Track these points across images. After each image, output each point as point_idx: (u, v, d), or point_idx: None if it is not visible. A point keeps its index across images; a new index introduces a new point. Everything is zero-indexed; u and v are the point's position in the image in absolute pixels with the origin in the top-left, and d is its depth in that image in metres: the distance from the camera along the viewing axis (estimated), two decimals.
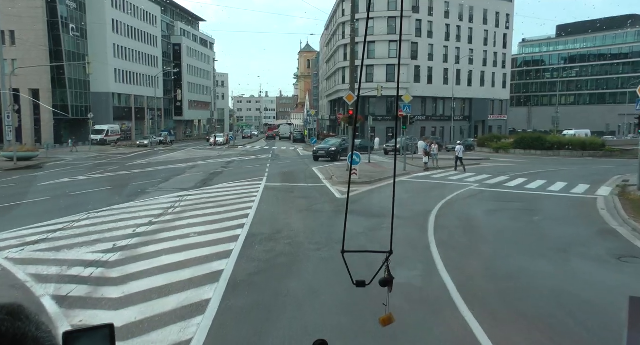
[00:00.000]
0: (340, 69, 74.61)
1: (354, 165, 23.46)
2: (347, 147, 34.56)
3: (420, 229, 13.04)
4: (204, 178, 25.04)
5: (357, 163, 23.79)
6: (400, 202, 17.84)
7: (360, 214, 14.86)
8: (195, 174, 27.43)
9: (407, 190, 21.63)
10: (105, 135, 65.67)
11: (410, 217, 14.73)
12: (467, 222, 14.43)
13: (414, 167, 31.51)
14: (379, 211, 15.50)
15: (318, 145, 43.09)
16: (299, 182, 24.40)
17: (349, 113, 24.56)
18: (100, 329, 1.28)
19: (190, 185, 21.77)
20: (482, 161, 39.92)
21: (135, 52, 78.57)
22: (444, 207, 16.58)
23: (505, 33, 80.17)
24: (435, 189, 22.02)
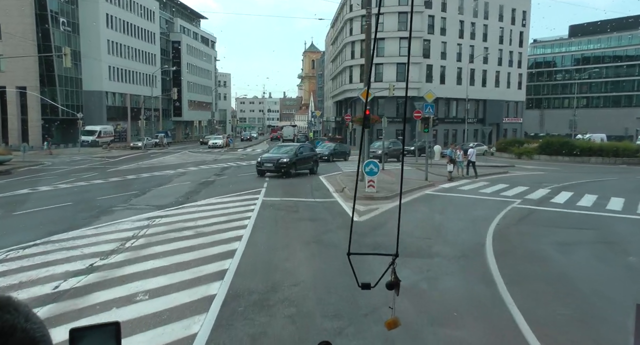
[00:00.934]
0: (347, 68, 70.55)
1: (370, 176, 19.41)
2: (308, 155, 29.26)
3: (482, 280, 8.91)
4: (190, 190, 20.95)
5: (375, 174, 19.70)
6: (436, 228, 13.73)
7: (391, 250, 10.73)
8: (182, 183, 23.33)
9: (438, 208, 17.50)
10: (97, 136, 61.78)
11: (458, 255, 10.62)
12: (544, 267, 10.21)
13: (436, 175, 27.37)
14: (415, 244, 11.39)
15: (266, 153, 31.77)
16: (303, 195, 20.29)
17: (366, 113, 20.51)
18: (107, 327, 1.27)
19: (169, 201, 17.68)
20: (508, 169, 35.76)
21: (131, 49, 74.63)
22: (498, 237, 12.43)
23: (522, 31, 76.01)
24: (472, 207, 17.87)
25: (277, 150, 29.37)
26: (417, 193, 21.05)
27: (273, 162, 26.57)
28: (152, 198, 18.48)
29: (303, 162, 28.24)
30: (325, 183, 24.44)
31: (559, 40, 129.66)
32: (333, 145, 43.28)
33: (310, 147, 31.38)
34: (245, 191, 20.61)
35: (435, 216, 15.71)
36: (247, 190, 20.94)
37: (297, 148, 28.80)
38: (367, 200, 18.37)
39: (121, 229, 12.55)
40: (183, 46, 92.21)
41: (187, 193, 19.78)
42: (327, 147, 41.49)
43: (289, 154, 27.55)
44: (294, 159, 27.04)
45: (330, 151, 40.53)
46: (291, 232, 12.88)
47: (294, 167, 27.02)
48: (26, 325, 1.05)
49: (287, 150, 28.40)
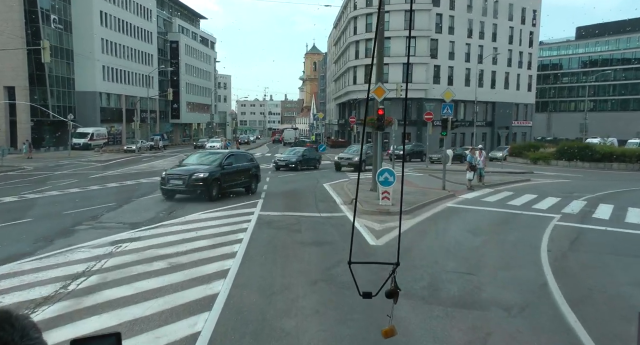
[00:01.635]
0: (351, 69, 67.83)
1: (385, 186, 16.61)
2: (242, 168, 20.84)
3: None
4: (176, 201, 18.16)
5: (390, 184, 16.92)
6: (475, 257, 10.90)
7: (422, 296, 7.97)
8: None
9: (468, 227, 14.66)
10: (89, 139, 59.02)
11: (519, 303, 7.79)
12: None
13: (453, 184, 24.56)
14: (457, 283, 8.59)
15: (175, 168, 20.82)
16: (307, 208, 17.48)
17: (380, 112, 17.73)
18: (108, 337, 1.27)
19: (147, 217, 14.89)
20: (527, 175, 32.97)
21: (126, 49, 71.93)
22: (559, 272, 9.59)
23: (532, 31, 73.26)
24: (508, 226, 15.06)
25: (198, 159, 20.89)
26: (438, 206, 18.25)
27: (183, 178, 18.26)
28: (128, 212, 15.66)
29: (232, 177, 19.93)
30: (330, 193, 21.65)
31: (565, 42, 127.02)
32: (302, 150, 37.68)
33: (250, 157, 22.88)
34: (239, 203, 17.82)
35: (468, 239, 12.89)
36: (241, 202, 18.15)
37: (223, 157, 20.13)
38: (383, 216, 15.57)
39: (72, 260, 9.72)
40: (181, 46, 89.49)
41: (171, 206, 16.97)
42: (295, 153, 36.09)
43: (210, 166, 19.15)
44: (217, 173, 18.85)
45: (298, 158, 34.89)
46: (292, 263, 10.06)
47: (216, 186, 18.71)
48: (21, 342, 1.01)
49: (211, 160, 19.94)
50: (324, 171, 33.96)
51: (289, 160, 34.47)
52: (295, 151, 37.11)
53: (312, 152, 38.59)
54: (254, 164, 22.22)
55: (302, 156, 35.43)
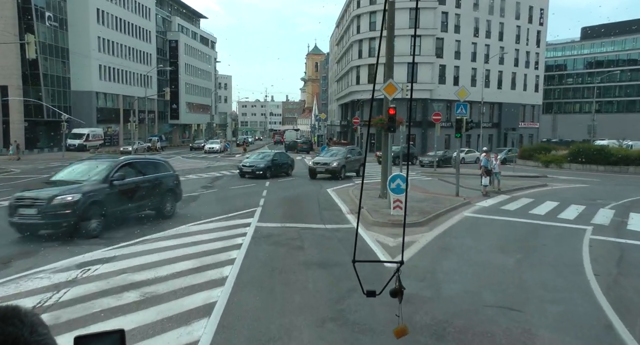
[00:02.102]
0: (354, 68, 66.10)
1: (397, 194, 14.85)
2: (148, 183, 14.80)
3: None
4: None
5: (403, 192, 15.15)
6: (513, 284, 9.13)
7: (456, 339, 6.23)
8: None
9: (494, 243, 12.85)
10: (84, 139, 57.34)
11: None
12: None
13: (466, 189, 22.78)
14: (497, 323, 6.82)
15: None
16: (310, 219, 15.72)
17: (390, 112, 15.95)
18: (112, 334, 1.28)
19: (128, 229, 13.13)
20: (542, 180, 31.19)
21: (124, 47, 70.24)
22: (620, 306, 7.82)
23: (539, 30, 71.50)
24: (538, 240, 13.27)
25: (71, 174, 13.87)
26: (455, 215, 16.46)
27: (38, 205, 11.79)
28: (107, 224, 13.90)
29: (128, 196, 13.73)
30: (335, 200, 19.87)
31: (570, 43, 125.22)
32: (272, 154, 31.79)
33: (163, 163, 16.56)
34: (235, 212, 16.05)
35: (498, 258, 11.09)
36: (237, 211, 16.36)
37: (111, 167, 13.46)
38: (396, 228, 13.79)
39: (25, 290, 7.95)
40: (181, 45, 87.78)
41: (156, 216, 15.20)
42: (264, 158, 30.20)
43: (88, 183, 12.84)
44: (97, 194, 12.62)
45: (267, 164, 29.18)
46: (294, 294, 8.28)
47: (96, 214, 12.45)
48: (30, 338, 1.02)
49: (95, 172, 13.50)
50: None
51: (255, 167, 28.87)
52: (264, 155, 31.18)
53: (284, 156, 32.74)
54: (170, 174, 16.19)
55: (271, 162, 29.66)
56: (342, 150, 32.62)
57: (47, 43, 56.88)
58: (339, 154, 31.06)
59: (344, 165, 29.43)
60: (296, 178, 29.86)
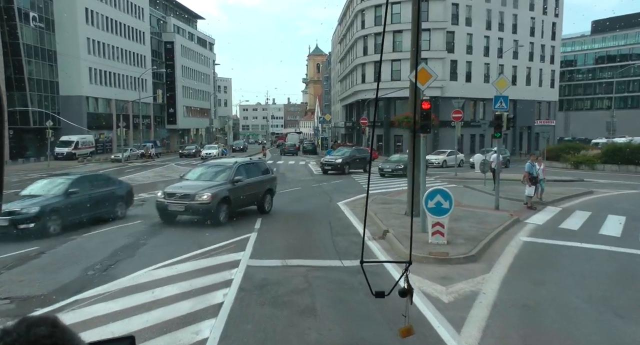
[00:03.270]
0: (359, 66, 62.23)
1: (437, 216, 11.01)
2: None
3: None
4: (127, 243, 12.50)
5: (446, 212, 11.34)
6: None
7: None
8: (123, 226, 14.84)
9: (583, 292, 8.90)
10: (73, 147, 53.47)
11: None
12: None
13: (504, 200, 18.84)
14: None
15: None
16: (320, 249, 11.85)
17: (424, 107, 12.03)
18: (122, 341, 1.30)
19: (66, 279, 9.28)
20: (579, 184, 27.30)
21: (116, 49, 66.48)
22: None
23: (554, 22, 67.50)
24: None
25: None
26: (509, 241, 12.57)
27: None
28: (41, 269, 10.04)
29: None
30: (349, 218, 16.00)
31: (580, 37, 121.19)
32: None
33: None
34: (221, 242, 12.19)
35: (620, 328, 7.17)
36: (223, 240, 12.49)
37: None
38: (442, 266, 9.96)
39: None
40: (177, 47, 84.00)
41: (114, 253, 11.30)
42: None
43: None
44: None
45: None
46: None
47: None
48: None
49: None
50: (336, 182, 28.20)
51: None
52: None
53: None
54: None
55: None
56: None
57: (32, 45, 53.22)
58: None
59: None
60: (298, 188, 25.94)
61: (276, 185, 18.48)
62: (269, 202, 17.39)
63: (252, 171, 17.00)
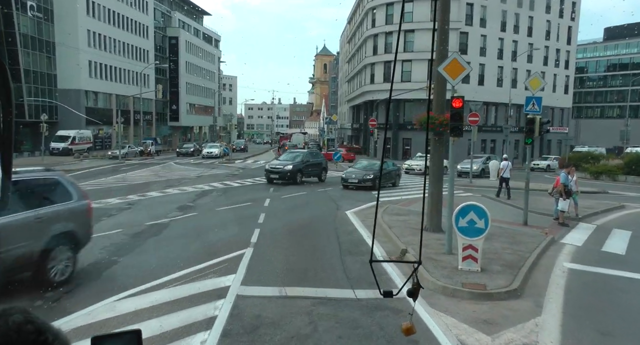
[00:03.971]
0: (368, 66, 60.25)
1: (469, 237, 8.96)
2: None
3: None
4: (95, 260, 10.50)
5: (481, 233, 9.33)
6: None
7: None
8: (100, 236, 12.84)
9: None
10: (70, 143, 51.58)
11: None
12: None
13: (531, 213, 16.78)
14: None
15: None
16: (328, 273, 9.81)
17: (455, 105, 10.00)
18: (128, 334, 1.28)
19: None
20: (604, 196, 25.28)
21: (118, 43, 64.60)
22: None
23: (570, 25, 65.41)
24: None
25: None
26: (552, 268, 10.56)
27: None
28: None
29: None
30: (360, 231, 14.00)
31: (592, 44, 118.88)
32: None
33: None
34: (208, 262, 10.19)
35: None
36: (213, 257, 10.49)
37: None
38: (477, 303, 7.94)
39: None
40: (181, 43, 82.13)
41: (75, 276, 9.26)
42: None
43: None
44: None
45: None
46: None
47: None
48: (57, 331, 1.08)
49: None
50: (341, 189, 26.20)
51: None
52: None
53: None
54: None
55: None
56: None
57: (30, 35, 51.39)
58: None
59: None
60: (303, 193, 23.93)
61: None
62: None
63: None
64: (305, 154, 29.98)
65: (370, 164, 27.92)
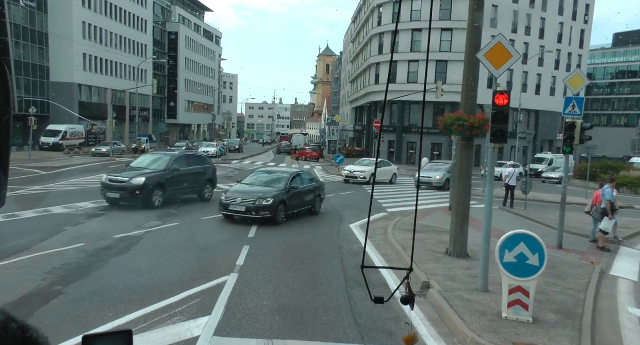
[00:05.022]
0: (373, 66, 58.01)
1: (520, 276, 6.62)
2: None
3: None
4: (35, 290, 8.23)
5: (536, 272, 6.99)
6: None
7: None
8: (50, 255, 10.55)
9: None
10: (61, 138, 49.37)
11: None
12: None
13: (566, 234, 14.49)
14: None
15: None
16: (331, 317, 7.51)
17: (499, 102, 7.77)
18: (119, 335, 1.29)
19: None
20: (628, 212, 23.07)
21: (114, 36, 62.32)
22: None
23: (583, 29, 63.09)
24: None
25: None
26: (616, 316, 8.31)
27: None
28: None
29: None
30: (369, 252, 11.74)
31: (601, 50, 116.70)
32: None
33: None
34: (177, 296, 7.93)
35: None
36: (185, 288, 8.24)
37: None
38: None
39: None
40: (181, 38, 79.87)
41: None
42: None
43: None
44: None
45: None
46: None
47: None
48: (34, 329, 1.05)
49: None
50: (346, 195, 23.91)
51: None
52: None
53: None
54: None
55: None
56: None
57: (22, 26, 49.17)
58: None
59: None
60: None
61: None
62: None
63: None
64: (172, 159, 18.48)
65: (274, 177, 16.96)
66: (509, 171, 22.81)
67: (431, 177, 28.47)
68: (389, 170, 31.92)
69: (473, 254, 11.27)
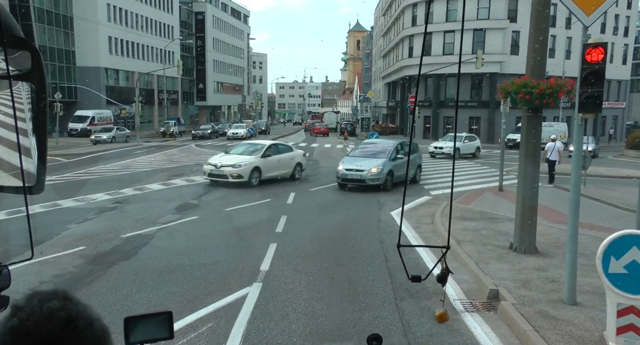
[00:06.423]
0: (406, 38, 55.45)
1: (637, 293, 4.51)
2: None
3: None
4: None
5: None
6: None
7: None
8: (41, 264, 9.12)
9: None
10: (89, 123, 48.58)
11: None
12: None
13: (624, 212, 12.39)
14: None
15: None
16: None
17: (594, 57, 6.01)
18: (160, 315, 1.33)
19: None
20: None
21: (140, 18, 61.08)
22: None
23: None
24: None
25: None
26: None
27: None
28: None
29: None
30: (419, 251, 9.96)
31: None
32: None
33: None
34: (185, 317, 6.33)
35: None
36: (197, 307, 6.64)
37: None
38: None
39: None
40: (208, 18, 78.25)
41: None
42: None
43: None
44: None
45: None
46: None
47: None
48: (86, 312, 1.08)
49: None
50: None
51: None
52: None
53: None
54: None
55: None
56: None
57: (45, 9, 48.26)
58: None
59: None
60: (333, 186, 19.88)
61: None
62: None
63: None
64: None
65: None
66: (548, 145, 21.31)
67: (362, 172, 17.55)
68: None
69: (542, 247, 9.41)
